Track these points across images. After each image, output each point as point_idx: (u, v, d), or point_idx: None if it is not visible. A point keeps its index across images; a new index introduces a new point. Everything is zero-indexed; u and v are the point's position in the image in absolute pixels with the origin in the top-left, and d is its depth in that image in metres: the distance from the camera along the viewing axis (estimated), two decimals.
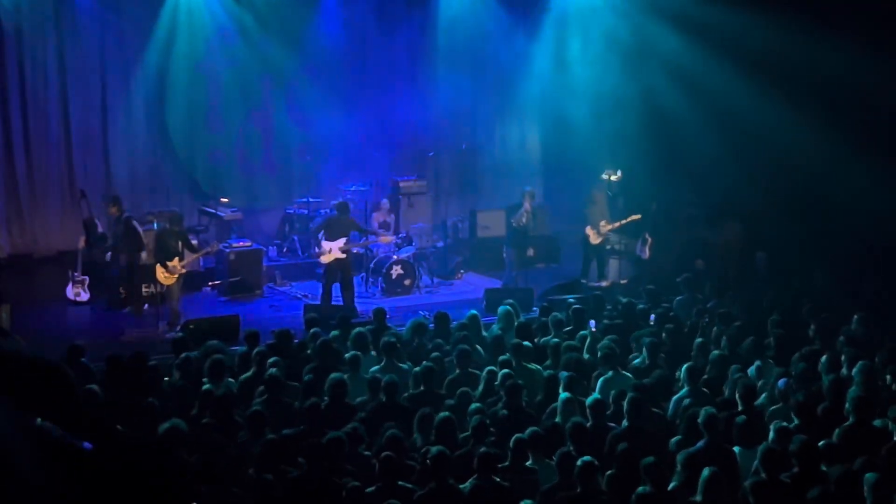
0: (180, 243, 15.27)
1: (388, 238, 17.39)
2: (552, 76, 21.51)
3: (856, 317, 12.82)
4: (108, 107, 19.18)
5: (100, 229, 17.29)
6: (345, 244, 16.10)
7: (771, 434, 8.94)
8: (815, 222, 17.23)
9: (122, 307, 16.14)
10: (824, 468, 8.29)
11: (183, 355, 11.34)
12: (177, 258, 15.09)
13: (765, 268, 16.85)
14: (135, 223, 16.09)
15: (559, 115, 21.38)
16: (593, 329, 12.58)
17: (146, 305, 16.10)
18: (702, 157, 19.03)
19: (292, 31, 20.18)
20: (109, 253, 16.58)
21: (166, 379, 11.22)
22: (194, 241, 16.14)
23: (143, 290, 16.19)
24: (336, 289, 16.20)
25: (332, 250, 16.05)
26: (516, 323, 12.76)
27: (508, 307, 13.28)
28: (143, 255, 16.09)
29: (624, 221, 18.29)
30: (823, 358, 11.11)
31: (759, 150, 18.38)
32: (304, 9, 20.28)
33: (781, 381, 10.50)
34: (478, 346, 12.09)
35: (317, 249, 16.42)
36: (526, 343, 11.76)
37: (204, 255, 16.28)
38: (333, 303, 16.06)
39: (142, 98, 19.39)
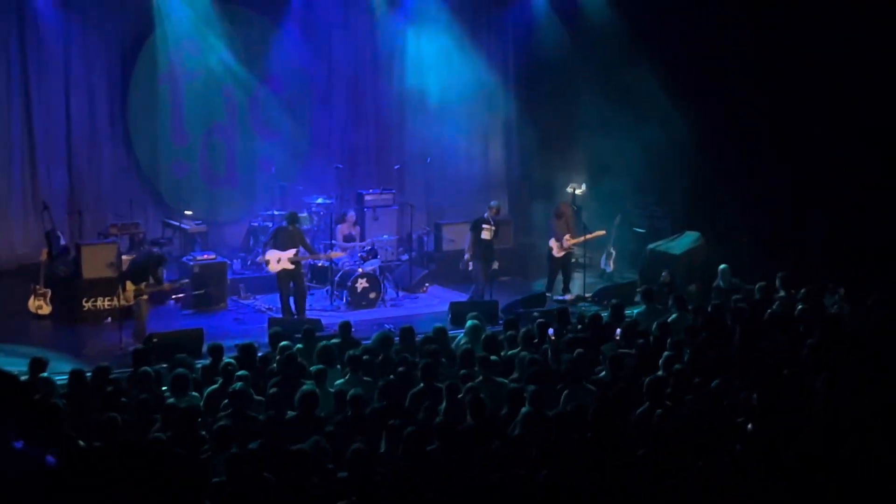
0: (154, 274, 15.39)
1: (337, 254, 17.45)
2: (512, 89, 21.75)
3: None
4: (72, 118, 19.07)
5: (62, 241, 17.14)
6: (294, 255, 16.20)
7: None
8: (779, 231, 17.35)
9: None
10: None
11: (141, 370, 11.24)
12: (144, 284, 15.17)
13: (727, 280, 16.91)
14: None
15: (522, 128, 21.50)
16: (551, 336, 12.57)
17: (108, 318, 16.04)
18: (666, 169, 19.15)
19: (255, 44, 20.16)
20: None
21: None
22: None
23: (105, 303, 16.13)
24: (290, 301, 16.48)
25: (280, 260, 16.19)
26: (482, 336, 12.74)
27: (476, 321, 13.24)
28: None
29: (589, 236, 18.33)
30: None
31: (723, 157, 18.55)
32: (268, 23, 20.27)
33: None
34: (443, 360, 12.06)
35: (259, 258, 16.78)
36: (493, 357, 11.74)
37: (168, 289, 16.13)
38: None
39: (106, 109, 19.32)
